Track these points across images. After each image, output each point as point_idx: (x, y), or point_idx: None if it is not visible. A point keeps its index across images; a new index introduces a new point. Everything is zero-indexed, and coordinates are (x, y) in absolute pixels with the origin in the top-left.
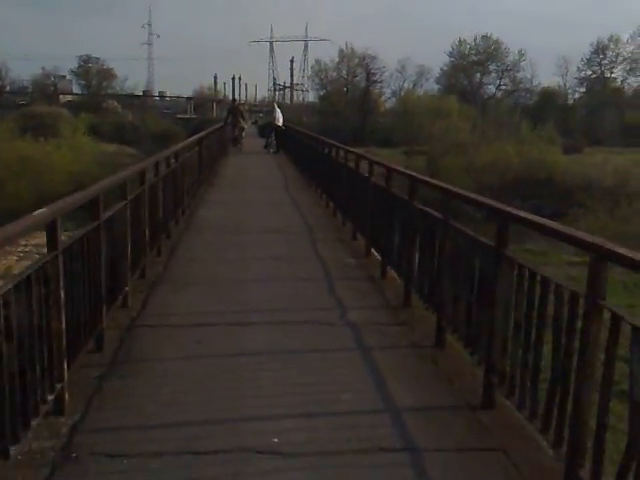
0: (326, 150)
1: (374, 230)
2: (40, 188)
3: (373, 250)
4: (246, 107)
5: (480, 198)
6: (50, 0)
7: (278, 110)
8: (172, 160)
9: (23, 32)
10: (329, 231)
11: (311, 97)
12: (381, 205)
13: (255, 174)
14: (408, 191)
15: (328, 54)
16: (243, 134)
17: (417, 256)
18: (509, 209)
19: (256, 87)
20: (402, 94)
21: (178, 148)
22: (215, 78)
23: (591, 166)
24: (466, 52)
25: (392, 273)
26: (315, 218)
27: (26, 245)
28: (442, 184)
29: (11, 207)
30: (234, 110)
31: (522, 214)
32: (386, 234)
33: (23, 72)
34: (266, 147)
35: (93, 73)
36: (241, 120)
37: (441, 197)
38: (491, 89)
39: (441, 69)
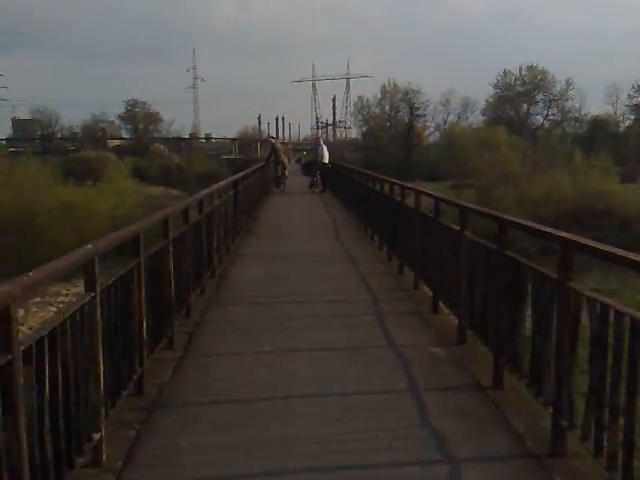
0: (381, 188)
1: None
2: (82, 234)
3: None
4: (290, 145)
5: (540, 226)
6: (96, 48)
7: (323, 146)
8: (194, 212)
9: (71, 79)
10: (398, 299)
11: (354, 134)
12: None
13: (300, 218)
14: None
15: (370, 90)
16: (286, 173)
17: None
18: (573, 236)
19: (299, 126)
20: (446, 127)
21: (203, 195)
22: (259, 118)
23: None
24: (512, 83)
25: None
26: (377, 278)
27: (67, 295)
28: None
29: (52, 254)
30: (275, 148)
31: (589, 242)
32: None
33: (73, 118)
34: (311, 186)
35: (140, 117)
36: (284, 158)
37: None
38: (539, 119)
39: (486, 101)
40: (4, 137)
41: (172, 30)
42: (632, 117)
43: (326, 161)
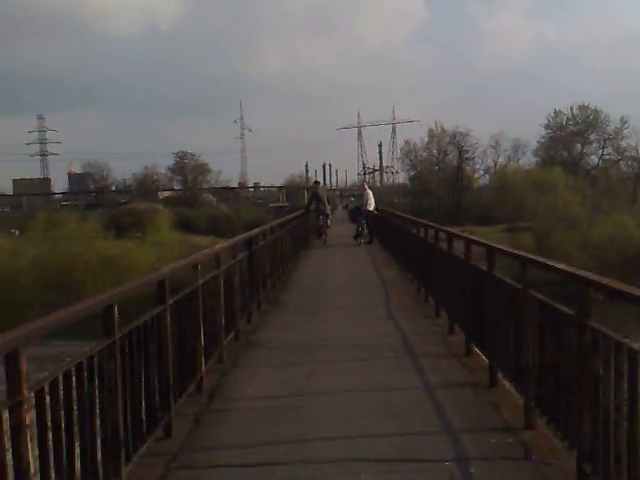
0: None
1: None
2: None
3: None
4: (337, 192)
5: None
6: (147, 103)
7: (369, 192)
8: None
9: (124, 133)
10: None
11: (401, 178)
12: None
13: (341, 279)
14: None
15: (416, 135)
16: (329, 222)
17: None
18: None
19: (346, 172)
20: (497, 169)
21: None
22: (306, 166)
23: None
24: (563, 123)
25: None
26: (457, 396)
27: None
28: None
29: None
30: (317, 194)
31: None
32: None
33: (126, 171)
34: (356, 237)
35: (189, 168)
36: (326, 205)
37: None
38: (594, 159)
39: (538, 142)
40: (60, 192)
41: (220, 83)
42: None
43: (371, 208)
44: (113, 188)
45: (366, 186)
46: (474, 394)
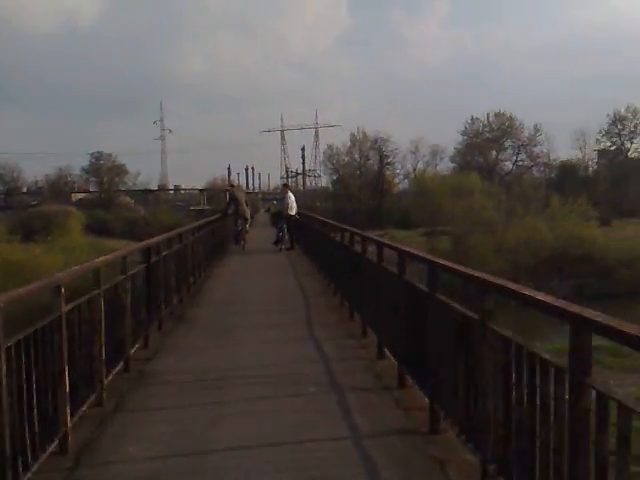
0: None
1: None
2: None
3: None
4: (259, 195)
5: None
6: (62, 101)
7: (290, 195)
8: None
9: (35, 132)
10: None
11: (324, 182)
12: None
13: (259, 291)
14: None
15: (339, 140)
16: (248, 227)
17: None
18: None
19: (269, 176)
20: (416, 174)
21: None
22: (229, 169)
23: (626, 240)
24: (480, 130)
25: None
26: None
27: None
28: None
29: None
30: (235, 197)
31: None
32: None
33: (38, 172)
34: (277, 243)
35: (105, 169)
36: (245, 209)
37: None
38: (508, 165)
39: (455, 148)
40: None
41: (140, 83)
42: (600, 161)
43: (293, 212)
44: (24, 190)
45: (288, 189)
46: (413, 446)
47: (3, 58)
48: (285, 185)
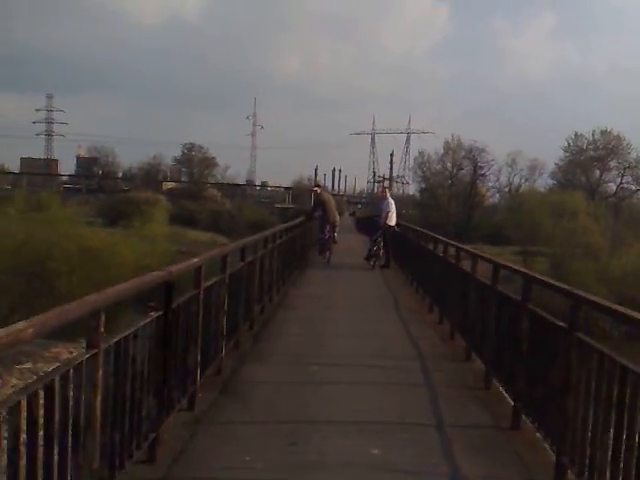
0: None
1: None
2: (99, 286)
3: None
4: (344, 198)
5: None
6: (160, 92)
7: (391, 202)
8: None
9: (131, 119)
10: None
11: (412, 190)
12: None
13: (351, 336)
14: None
15: (431, 147)
16: (336, 235)
17: None
18: None
19: (355, 179)
20: (510, 189)
21: None
22: (316, 169)
23: None
24: (584, 147)
25: None
26: None
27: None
28: None
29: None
30: (323, 200)
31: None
32: None
33: (132, 158)
34: (369, 258)
35: (196, 161)
36: (334, 214)
37: None
38: (611, 187)
39: (556, 164)
40: (65, 174)
41: (236, 79)
42: None
43: (393, 223)
44: (119, 175)
45: (387, 193)
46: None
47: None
48: (385, 188)
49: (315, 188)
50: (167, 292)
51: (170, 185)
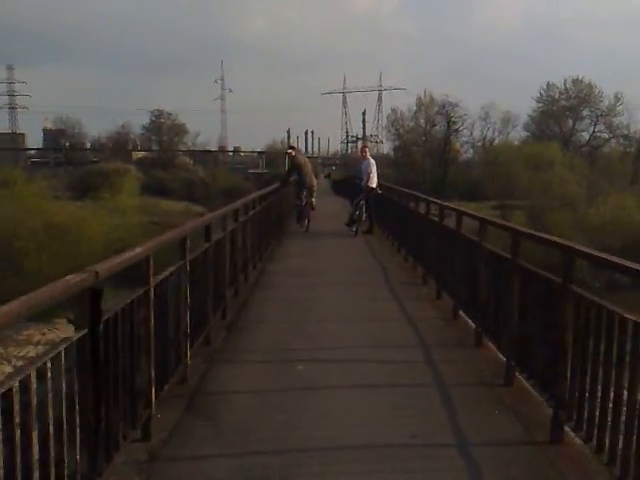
0: None
1: None
2: (69, 263)
3: None
4: (319, 160)
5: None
6: (125, 60)
7: (371, 162)
8: None
9: (97, 89)
10: None
11: (386, 149)
12: None
13: (336, 317)
14: None
15: (404, 105)
16: (314, 200)
17: None
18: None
19: (329, 140)
20: (485, 143)
21: None
22: (288, 132)
23: None
24: (556, 97)
25: None
26: None
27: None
28: None
29: (27, 288)
30: (298, 163)
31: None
32: None
33: (101, 129)
34: (351, 224)
35: (165, 128)
36: (311, 178)
37: None
38: (584, 136)
39: (529, 115)
40: (32, 147)
41: (202, 43)
42: None
43: (374, 185)
44: (88, 146)
45: (368, 153)
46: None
47: (69, 15)
48: (365, 147)
49: (289, 151)
50: (92, 302)
51: (140, 154)
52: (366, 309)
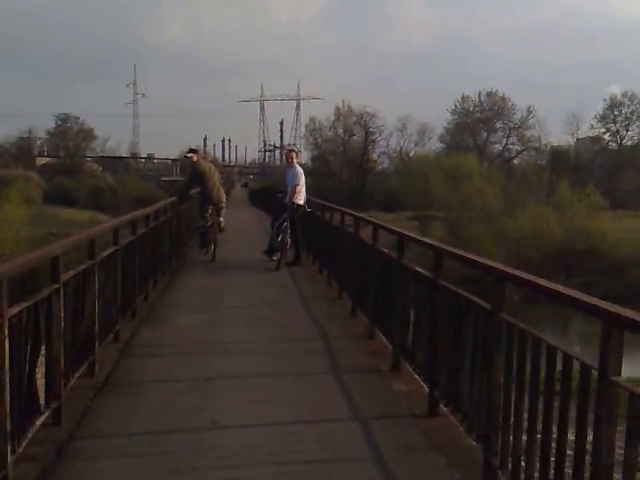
0: None
1: None
2: None
3: None
4: (236, 169)
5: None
6: (34, 63)
7: (298, 170)
8: None
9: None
10: None
11: (304, 158)
12: None
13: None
14: None
15: (322, 114)
16: (222, 220)
17: None
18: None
19: (246, 149)
20: (401, 154)
21: None
22: (205, 139)
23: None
24: (470, 109)
25: None
26: None
27: None
28: None
29: None
30: (202, 171)
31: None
32: None
33: (5, 133)
34: (270, 252)
35: (71, 133)
36: (218, 189)
37: None
38: (498, 148)
39: (444, 127)
40: None
41: (114, 46)
42: (593, 148)
43: (302, 201)
44: None
45: (295, 160)
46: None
47: None
48: (291, 152)
49: (189, 155)
50: None
51: (44, 160)
52: (314, 444)
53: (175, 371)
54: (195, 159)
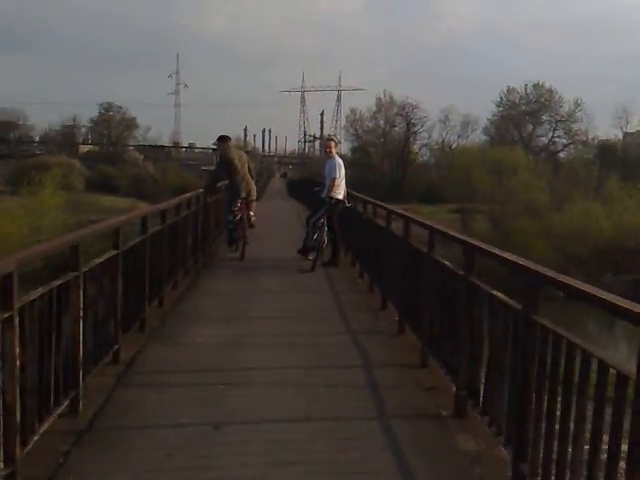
0: None
1: None
2: None
3: None
4: (275, 159)
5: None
6: (80, 52)
7: (338, 163)
8: None
9: (46, 81)
10: None
11: (344, 149)
12: None
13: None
14: None
15: (363, 106)
16: (252, 214)
17: None
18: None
19: (286, 139)
20: (444, 146)
21: None
22: (245, 130)
23: None
24: (516, 101)
25: None
26: None
27: None
28: None
29: None
30: (229, 158)
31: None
32: None
33: (51, 121)
34: (305, 250)
35: (114, 122)
36: (250, 182)
37: None
38: (543, 141)
39: (488, 119)
40: None
41: (159, 38)
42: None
43: (341, 195)
44: (36, 138)
45: (334, 150)
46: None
47: (20, 6)
48: (330, 141)
49: (217, 143)
50: None
51: (87, 148)
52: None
53: (179, 410)
54: (227, 146)
